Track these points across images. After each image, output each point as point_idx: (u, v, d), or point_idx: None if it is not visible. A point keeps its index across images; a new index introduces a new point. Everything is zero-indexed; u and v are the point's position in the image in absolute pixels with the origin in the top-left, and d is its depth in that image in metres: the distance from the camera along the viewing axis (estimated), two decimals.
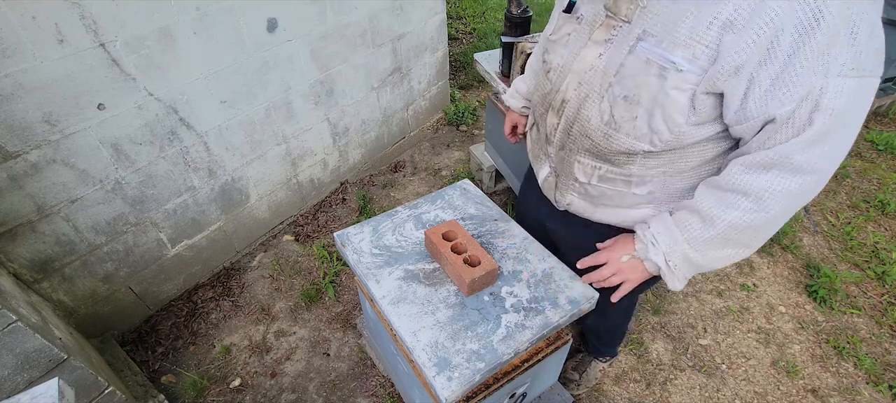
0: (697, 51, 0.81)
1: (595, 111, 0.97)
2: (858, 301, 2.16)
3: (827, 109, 0.76)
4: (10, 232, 1.50)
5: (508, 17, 1.88)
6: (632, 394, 1.85)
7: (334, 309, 2.13)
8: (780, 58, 0.76)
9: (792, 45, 0.74)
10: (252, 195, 2.22)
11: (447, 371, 1.04)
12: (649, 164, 0.99)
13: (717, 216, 0.91)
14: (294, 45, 2.03)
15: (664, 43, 0.84)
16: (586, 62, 0.97)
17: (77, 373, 1.30)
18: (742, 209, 0.88)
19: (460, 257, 1.20)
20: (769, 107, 0.79)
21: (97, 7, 1.42)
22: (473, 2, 4.67)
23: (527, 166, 2.11)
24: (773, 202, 0.86)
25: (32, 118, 1.42)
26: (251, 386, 1.86)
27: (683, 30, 0.82)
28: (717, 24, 0.79)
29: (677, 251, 0.98)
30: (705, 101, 0.85)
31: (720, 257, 0.97)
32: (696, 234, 0.95)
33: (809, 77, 0.75)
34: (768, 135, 0.82)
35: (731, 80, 0.80)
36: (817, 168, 0.82)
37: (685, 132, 0.90)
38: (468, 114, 3.22)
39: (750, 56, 0.77)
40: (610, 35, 0.93)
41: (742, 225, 0.90)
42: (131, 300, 1.95)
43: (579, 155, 1.07)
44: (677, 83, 0.84)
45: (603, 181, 1.07)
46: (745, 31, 0.76)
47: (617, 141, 0.97)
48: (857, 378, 1.89)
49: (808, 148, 0.80)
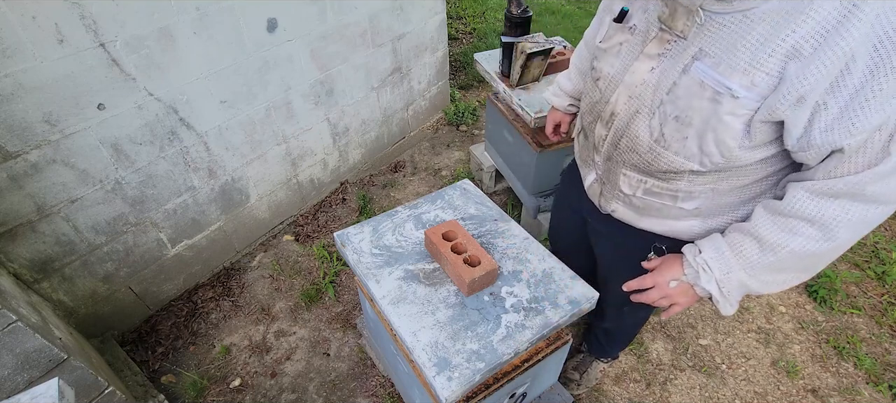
0: (757, 78, 0.77)
1: (644, 127, 0.95)
2: (858, 301, 2.16)
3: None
4: (10, 232, 1.50)
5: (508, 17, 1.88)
6: (632, 394, 1.85)
7: (334, 309, 2.13)
8: (851, 87, 0.72)
9: (864, 75, 0.70)
10: (252, 195, 2.22)
11: (447, 371, 1.04)
12: (697, 181, 0.96)
13: (778, 243, 0.87)
14: (294, 45, 2.03)
15: (721, 66, 0.80)
16: (638, 76, 0.94)
17: (77, 373, 1.30)
18: (806, 236, 0.84)
19: (460, 257, 1.20)
20: (836, 136, 0.75)
21: (97, 7, 1.42)
22: (473, 2, 4.67)
23: (527, 166, 2.12)
24: (841, 231, 0.82)
25: (32, 118, 1.42)
26: (251, 386, 1.86)
27: (743, 55, 0.78)
28: (780, 52, 0.74)
29: (733, 278, 0.94)
30: (762, 128, 0.82)
31: (776, 281, 0.93)
32: (753, 260, 0.91)
33: (884, 107, 0.71)
34: (837, 163, 0.78)
35: (792, 110, 0.76)
36: (891, 199, 0.78)
37: (737, 156, 0.87)
38: (468, 114, 3.22)
39: (816, 85, 0.73)
40: (663, 49, 0.89)
41: (805, 254, 0.86)
42: (131, 300, 1.95)
43: (625, 168, 1.05)
44: (732, 109, 0.81)
45: (649, 194, 1.05)
46: (813, 60, 0.72)
47: (665, 159, 0.95)
48: (857, 378, 1.89)
49: (884, 179, 0.76)
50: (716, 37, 0.81)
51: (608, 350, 1.78)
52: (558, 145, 1.98)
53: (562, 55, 2.08)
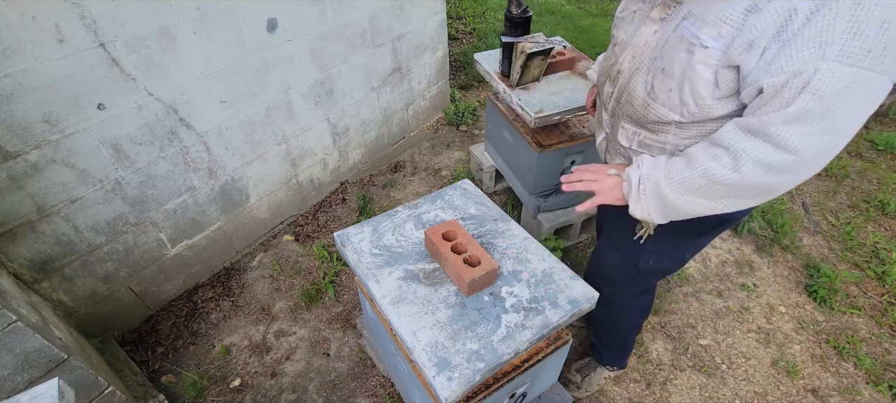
0: (723, 30, 0.87)
1: (641, 82, 1.06)
2: (858, 301, 2.16)
3: (813, 89, 0.78)
4: (10, 232, 1.50)
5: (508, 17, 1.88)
6: (632, 394, 1.85)
7: (334, 309, 2.13)
8: (788, 34, 0.79)
9: (801, 23, 0.77)
10: (252, 195, 2.22)
11: (447, 371, 1.04)
12: (682, 135, 1.05)
13: (698, 160, 0.96)
14: (294, 45, 2.03)
15: (698, 22, 0.91)
16: (642, 38, 1.05)
17: (77, 373, 1.30)
18: (721, 163, 0.92)
19: (460, 257, 1.20)
20: (761, 75, 0.83)
21: (97, 7, 1.42)
22: (473, 2, 4.67)
23: (527, 166, 2.12)
24: (747, 166, 0.89)
25: (32, 118, 1.42)
26: (251, 386, 1.86)
27: (715, 11, 0.88)
28: (742, 6, 0.84)
29: (652, 177, 1.04)
30: (726, 76, 0.90)
31: (690, 203, 1.00)
32: (675, 172, 1.00)
33: (805, 54, 0.77)
34: (759, 104, 0.86)
35: (744, 54, 0.85)
36: (793, 147, 0.83)
37: (709, 105, 0.95)
38: (468, 114, 3.22)
39: (763, 32, 0.81)
40: (665, 14, 1.00)
41: (715, 178, 0.93)
42: (131, 300, 1.95)
43: (623, 120, 1.17)
44: (703, 58, 0.90)
45: (642, 146, 1.15)
46: (764, 11, 0.81)
47: (654, 110, 1.05)
48: (857, 378, 1.89)
49: (788, 124, 0.82)
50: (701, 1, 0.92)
51: (604, 354, 1.78)
52: (558, 145, 1.98)
53: (562, 55, 2.07)
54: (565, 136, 2.00)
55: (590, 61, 2.13)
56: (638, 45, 1.06)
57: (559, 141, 1.98)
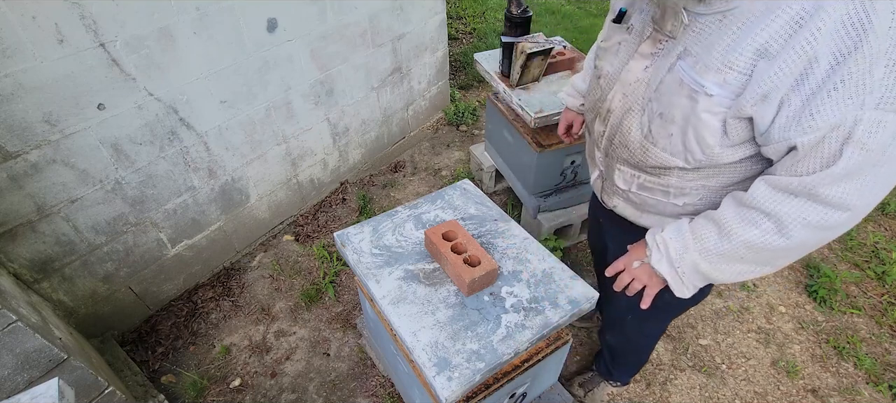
0: (729, 77, 0.79)
1: (635, 124, 0.99)
2: (858, 301, 2.16)
3: (858, 143, 0.71)
4: (10, 232, 1.50)
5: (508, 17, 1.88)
6: (632, 394, 1.85)
7: (334, 309, 2.13)
8: (812, 84, 0.72)
9: (825, 73, 0.70)
10: (252, 195, 2.22)
11: (447, 371, 1.04)
12: (687, 177, 0.98)
13: (735, 231, 0.87)
14: (294, 45, 2.03)
15: (698, 65, 0.83)
16: (632, 74, 0.97)
17: (77, 373, 1.30)
18: (762, 229, 0.85)
19: (460, 257, 1.20)
20: (791, 133, 0.76)
21: (97, 7, 1.42)
22: (473, 2, 4.67)
23: (527, 166, 2.12)
24: (795, 230, 0.81)
25: (32, 118, 1.42)
26: (251, 386, 1.86)
27: (718, 54, 0.80)
28: (750, 50, 0.76)
29: (687, 259, 0.95)
30: (737, 126, 0.83)
31: (731, 271, 0.93)
32: (710, 245, 0.92)
33: (841, 106, 0.70)
34: (794, 160, 0.78)
35: (758, 107, 0.78)
36: (848, 204, 0.77)
37: (718, 154, 0.88)
38: (468, 114, 3.22)
39: (780, 82, 0.74)
40: (656, 49, 0.92)
41: (759, 246, 0.86)
42: (131, 300, 1.95)
43: (620, 163, 1.09)
44: (708, 106, 0.83)
45: (642, 189, 1.08)
46: (779, 58, 0.73)
47: (653, 155, 0.98)
48: (857, 378, 1.89)
49: (838, 182, 0.75)
50: (698, 37, 0.84)
51: (614, 372, 1.73)
52: (558, 145, 1.98)
53: (562, 55, 2.07)
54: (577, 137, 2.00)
55: None
56: (628, 81, 0.98)
57: (559, 141, 1.98)
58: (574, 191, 2.23)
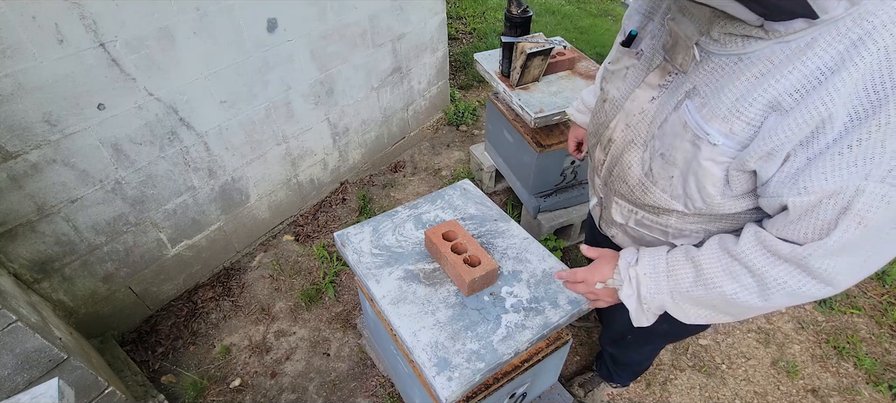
0: (736, 127, 0.73)
1: (636, 159, 0.93)
2: (858, 301, 2.16)
3: (857, 216, 0.65)
4: (10, 232, 1.50)
5: (508, 17, 1.88)
6: (632, 394, 1.85)
7: (334, 309, 2.13)
8: (821, 145, 0.66)
9: (838, 134, 0.64)
10: (252, 195, 2.22)
11: (447, 371, 1.04)
12: (687, 220, 0.92)
13: (714, 280, 0.82)
14: (294, 45, 2.02)
15: (705, 109, 0.77)
16: (637, 104, 0.91)
17: (77, 373, 1.30)
18: (743, 285, 0.79)
19: (460, 257, 1.20)
20: (785, 190, 0.70)
21: (97, 7, 1.42)
22: (473, 2, 4.67)
23: (527, 166, 2.12)
24: (776, 295, 0.76)
25: (32, 118, 1.42)
26: (251, 386, 1.86)
27: (727, 100, 0.74)
28: (762, 102, 0.70)
29: (657, 300, 0.90)
30: (740, 177, 0.78)
31: (697, 314, 0.88)
32: (683, 288, 0.86)
33: (844, 173, 0.64)
34: (786, 221, 0.72)
35: (762, 162, 0.72)
36: (835, 281, 0.71)
37: (719, 203, 0.83)
38: (468, 114, 3.22)
39: (786, 141, 0.68)
40: (664, 81, 0.86)
41: (735, 301, 0.81)
42: (131, 300, 1.95)
43: (617, 197, 1.04)
44: (711, 155, 0.77)
45: (640, 226, 1.03)
46: (791, 115, 0.67)
47: (653, 195, 0.92)
48: (857, 378, 1.89)
49: (830, 256, 0.69)
50: (710, 77, 0.77)
51: (615, 376, 1.73)
52: (558, 145, 1.98)
53: (562, 55, 2.08)
54: (565, 136, 2.00)
55: (590, 61, 2.14)
56: (632, 112, 0.92)
57: (559, 141, 1.98)
58: (574, 191, 2.23)
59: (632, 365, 1.66)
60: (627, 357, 1.60)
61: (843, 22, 0.63)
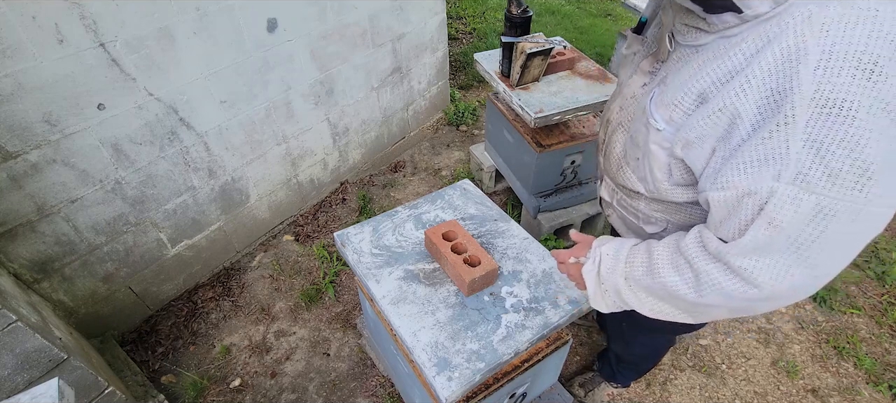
0: (675, 114, 0.77)
1: (620, 140, 0.99)
2: (858, 301, 2.16)
3: (768, 218, 0.65)
4: (10, 232, 1.50)
5: (508, 17, 1.88)
6: (632, 394, 1.85)
7: (334, 309, 2.13)
8: (736, 141, 0.68)
9: (748, 131, 0.66)
10: (252, 195, 2.22)
11: (447, 371, 1.04)
12: (652, 207, 0.98)
13: (660, 271, 0.83)
14: (294, 45, 2.02)
15: (660, 96, 0.81)
16: (631, 89, 0.96)
17: (77, 373, 1.30)
18: (683, 278, 0.80)
19: (460, 257, 1.20)
20: (707, 185, 0.72)
21: (97, 7, 1.42)
22: (473, 2, 4.67)
23: (527, 166, 2.12)
24: (709, 292, 0.77)
25: (32, 118, 1.42)
26: (251, 386, 1.86)
27: (673, 88, 0.78)
28: (695, 92, 0.73)
29: (612, 280, 0.93)
30: (678, 167, 0.82)
31: (651, 307, 0.90)
32: (637, 275, 0.88)
33: (755, 171, 0.65)
34: (714, 221, 0.74)
35: (686, 151, 0.76)
36: (757, 281, 0.70)
37: (666, 190, 0.87)
38: (468, 114, 3.22)
39: (704, 132, 0.71)
40: (653, 68, 0.91)
41: (675, 293, 0.82)
42: (131, 300, 1.95)
43: (606, 175, 1.10)
44: (657, 140, 0.82)
45: (621, 206, 1.09)
46: (708, 105, 0.70)
47: (625, 175, 0.98)
48: (857, 378, 1.89)
49: (746, 255, 0.69)
50: (673, 67, 0.81)
51: (617, 375, 1.74)
52: (558, 145, 1.98)
53: (562, 55, 2.07)
54: (565, 136, 2.00)
55: (590, 61, 2.14)
56: (626, 96, 0.97)
57: (559, 141, 1.98)
58: (574, 191, 2.23)
59: (636, 363, 1.66)
60: (632, 354, 1.60)
61: (770, 22, 0.64)
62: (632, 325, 1.41)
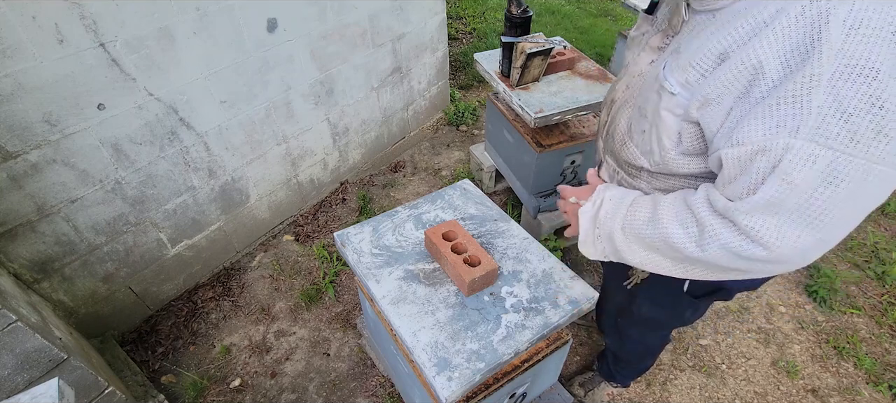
0: (690, 76, 0.76)
1: (625, 117, 0.98)
2: (858, 301, 2.16)
3: (782, 174, 0.64)
4: (10, 232, 1.50)
5: (508, 17, 1.88)
6: (632, 394, 1.85)
7: (334, 309, 2.13)
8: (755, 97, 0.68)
9: (770, 87, 0.66)
10: (252, 195, 2.22)
11: (447, 371, 1.04)
12: (654, 184, 0.97)
13: (664, 222, 0.83)
14: (294, 45, 2.02)
15: (674, 62, 0.81)
16: (638, 66, 0.96)
17: (77, 373, 1.30)
18: (687, 232, 0.80)
19: (460, 257, 1.20)
20: (721, 142, 0.72)
21: (97, 7, 1.42)
22: (473, 2, 4.67)
23: (527, 166, 2.12)
24: (712, 248, 0.76)
25: (32, 118, 1.42)
26: (251, 386, 1.86)
27: (688, 52, 0.78)
28: (714, 53, 0.73)
29: (608, 225, 0.93)
30: (690, 132, 0.81)
31: (643, 258, 0.90)
32: (637, 224, 0.88)
33: (773, 127, 0.64)
34: (724, 179, 0.74)
35: (702, 111, 0.75)
36: (764, 241, 0.70)
37: (673, 159, 0.87)
38: (468, 114, 3.22)
39: (725, 89, 0.71)
40: (663, 43, 0.91)
41: (674, 245, 0.81)
42: (131, 300, 1.95)
43: (607, 154, 1.10)
44: (669, 105, 0.81)
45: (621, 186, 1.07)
46: (730, 61, 0.70)
47: (628, 150, 0.97)
48: (857, 378, 1.89)
49: (755, 212, 0.69)
50: (689, 34, 0.82)
51: (616, 375, 1.73)
52: (558, 145, 1.98)
53: (562, 55, 2.07)
54: (565, 136, 2.00)
55: (590, 61, 2.14)
56: (633, 73, 0.97)
57: (559, 141, 1.99)
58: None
59: (633, 362, 1.65)
60: (627, 351, 1.60)
61: None
62: (626, 320, 1.42)
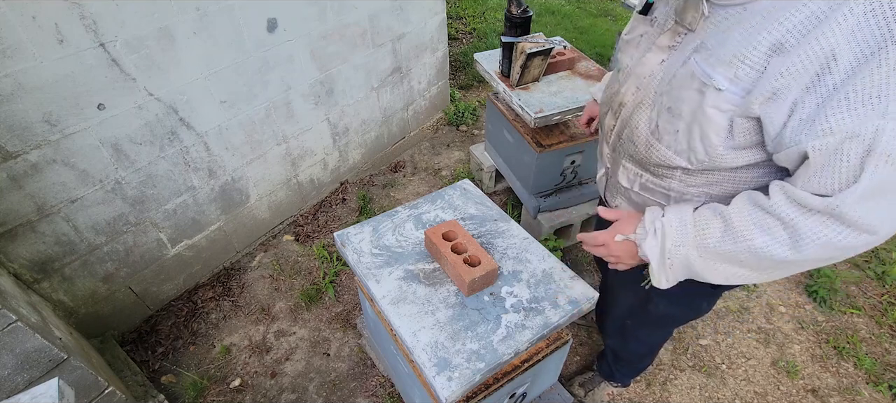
0: (740, 71, 0.74)
1: (644, 119, 0.95)
2: (858, 301, 2.16)
3: (883, 155, 0.64)
4: (10, 232, 1.50)
5: (508, 17, 1.88)
6: (632, 394, 1.85)
7: (334, 309, 2.13)
8: (828, 86, 0.66)
9: (846, 74, 0.65)
10: (252, 195, 2.22)
11: (447, 371, 1.04)
12: (689, 182, 0.94)
13: (744, 233, 0.79)
14: (294, 45, 2.02)
15: (711, 58, 0.79)
16: (647, 67, 0.94)
17: (77, 373, 1.29)
18: (775, 238, 0.76)
19: (460, 257, 1.20)
20: (802, 136, 0.70)
21: (97, 7, 1.42)
22: (473, 2, 4.67)
23: (527, 166, 2.12)
24: (811, 248, 0.73)
25: (32, 118, 1.42)
26: (251, 386, 1.86)
27: (730, 46, 0.76)
28: (765, 45, 0.71)
29: (681, 253, 0.88)
30: (744, 126, 0.78)
31: (724, 273, 0.86)
32: (711, 243, 0.84)
33: (859, 113, 0.64)
34: (809, 173, 0.71)
35: (766, 106, 0.73)
36: (873, 227, 0.69)
37: (722, 155, 0.84)
38: (468, 114, 3.21)
39: (792, 81, 0.69)
40: (674, 42, 0.88)
41: (765, 255, 0.78)
42: (131, 300, 1.95)
43: (625, 159, 1.06)
44: (716, 102, 0.78)
45: (644, 190, 1.04)
46: (793, 53, 0.68)
47: (658, 152, 0.94)
48: (857, 378, 1.89)
49: (864, 201, 0.67)
50: (716, 30, 0.79)
51: (616, 374, 1.73)
52: (558, 145, 1.98)
53: (562, 55, 2.07)
54: (565, 136, 2.00)
55: (590, 61, 2.14)
56: (642, 74, 0.95)
57: (559, 141, 1.99)
58: (574, 191, 2.23)
59: (633, 361, 1.65)
60: (629, 351, 1.59)
61: None
62: (637, 321, 1.40)
